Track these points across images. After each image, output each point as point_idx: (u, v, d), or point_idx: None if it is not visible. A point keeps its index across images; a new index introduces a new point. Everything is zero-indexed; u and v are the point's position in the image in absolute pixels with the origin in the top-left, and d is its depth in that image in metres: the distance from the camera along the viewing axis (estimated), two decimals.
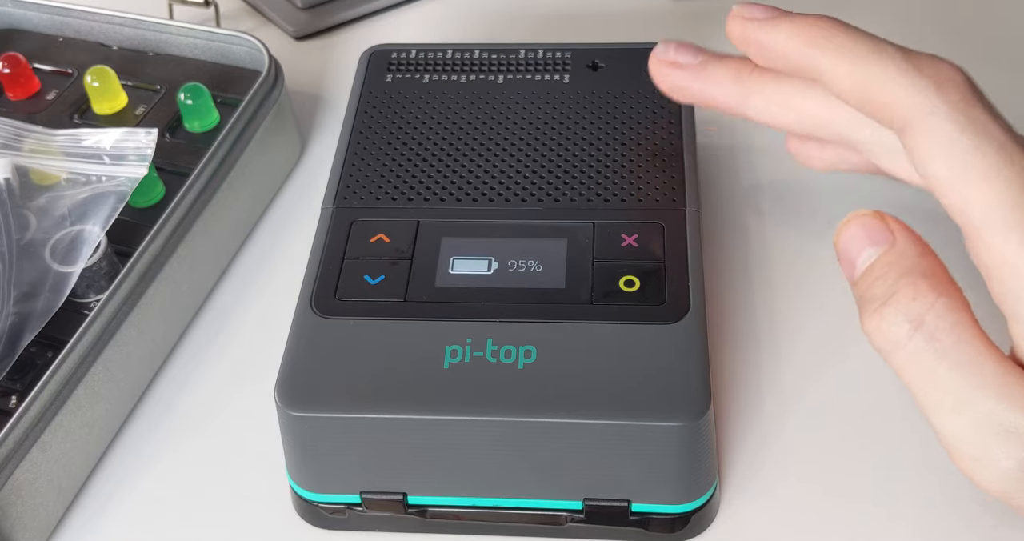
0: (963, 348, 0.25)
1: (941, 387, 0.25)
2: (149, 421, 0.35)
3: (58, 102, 0.43)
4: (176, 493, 0.34)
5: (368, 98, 0.38)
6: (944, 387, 0.25)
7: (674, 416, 0.28)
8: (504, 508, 0.31)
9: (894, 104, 0.26)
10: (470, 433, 0.29)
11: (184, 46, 0.44)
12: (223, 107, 0.42)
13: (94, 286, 0.35)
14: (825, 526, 0.31)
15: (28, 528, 0.31)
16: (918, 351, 0.25)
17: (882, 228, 0.27)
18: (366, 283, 0.32)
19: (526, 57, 0.39)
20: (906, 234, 0.27)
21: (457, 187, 0.35)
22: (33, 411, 0.31)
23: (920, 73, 0.26)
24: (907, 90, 0.26)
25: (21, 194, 0.37)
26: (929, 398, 0.26)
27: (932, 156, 0.25)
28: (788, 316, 0.37)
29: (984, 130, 0.25)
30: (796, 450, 0.33)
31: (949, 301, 0.25)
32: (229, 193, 0.39)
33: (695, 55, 0.32)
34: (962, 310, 0.25)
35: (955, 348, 0.25)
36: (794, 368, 0.35)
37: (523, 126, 0.37)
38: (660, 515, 0.30)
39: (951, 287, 0.26)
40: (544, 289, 0.32)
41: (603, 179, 0.35)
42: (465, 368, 0.30)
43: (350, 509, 0.31)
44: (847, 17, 0.29)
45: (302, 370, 0.30)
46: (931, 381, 0.25)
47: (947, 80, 0.26)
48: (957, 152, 0.25)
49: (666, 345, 0.30)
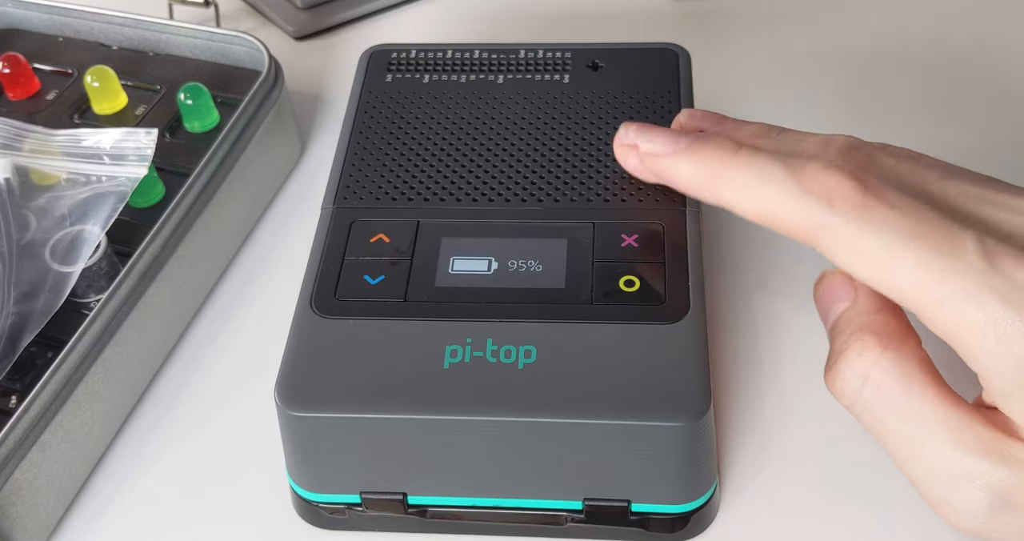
0: (911, 399, 0.26)
1: (895, 436, 0.27)
2: (149, 421, 0.35)
3: (58, 102, 0.43)
4: (176, 493, 0.34)
5: (368, 98, 0.38)
6: (897, 437, 0.26)
7: (674, 416, 0.28)
8: (504, 508, 0.31)
9: (794, 227, 0.27)
10: (470, 433, 0.29)
11: (184, 46, 0.44)
12: (223, 107, 0.42)
13: (94, 286, 0.35)
14: (825, 526, 0.31)
15: (28, 528, 0.31)
16: (868, 404, 0.27)
17: (846, 285, 0.28)
18: (366, 283, 0.32)
19: (526, 57, 0.39)
20: (867, 290, 0.28)
21: (457, 187, 0.35)
22: (33, 411, 0.31)
23: (808, 193, 0.27)
24: (800, 213, 0.27)
25: (21, 194, 0.37)
26: (888, 446, 0.27)
27: (845, 263, 0.27)
28: (788, 316, 0.37)
29: (883, 226, 0.26)
30: (796, 450, 0.33)
31: (895, 355, 0.26)
32: (229, 193, 0.39)
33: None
34: (909, 361, 0.26)
35: (902, 400, 0.26)
36: (794, 368, 0.35)
37: (523, 126, 0.37)
38: (660, 515, 0.30)
39: (900, 341, 0.27)
40: (544, 289, 0.32)
41: (603, 179, 0.35)
42: (465, 368, 0.30)
43: (350, 509, 0.31)
44: (848, 14, 0.29)
45: (302, 370, 0.30)
46: (886, 431, 0.27)
47: (835, 192, 0.26)
48: (865, 256, 0.26)
49: (666, 345, 0.30)
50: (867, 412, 0.27)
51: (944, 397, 0.26)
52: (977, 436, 0.25)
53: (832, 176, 0.27)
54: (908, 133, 0.40)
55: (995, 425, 0.25)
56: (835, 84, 0.46)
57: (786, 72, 0.47)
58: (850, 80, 0.46)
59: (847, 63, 0.47)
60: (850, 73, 0.46)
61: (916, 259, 0.25)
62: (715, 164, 0.29)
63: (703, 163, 0.29)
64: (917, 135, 0.42)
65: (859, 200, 0.26)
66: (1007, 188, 0.27)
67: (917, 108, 0.44)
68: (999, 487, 0.25)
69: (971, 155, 0.33)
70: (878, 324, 0.27)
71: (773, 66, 0.47)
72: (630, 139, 0.32)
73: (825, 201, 0.26)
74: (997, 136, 0.43)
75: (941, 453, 0.26)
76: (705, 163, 0.29)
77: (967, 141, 0.43)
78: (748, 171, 0.28)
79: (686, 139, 0.30)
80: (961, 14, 0.49)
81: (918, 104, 0.45)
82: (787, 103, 0.45)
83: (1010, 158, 0.42)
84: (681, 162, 0.30)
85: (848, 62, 0.47)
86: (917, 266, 0.25)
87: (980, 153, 0.39)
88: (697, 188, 0.30)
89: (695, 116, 0.34)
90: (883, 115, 0.44)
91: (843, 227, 0.26)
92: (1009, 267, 0.24)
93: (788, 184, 0.27)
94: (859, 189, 0.26)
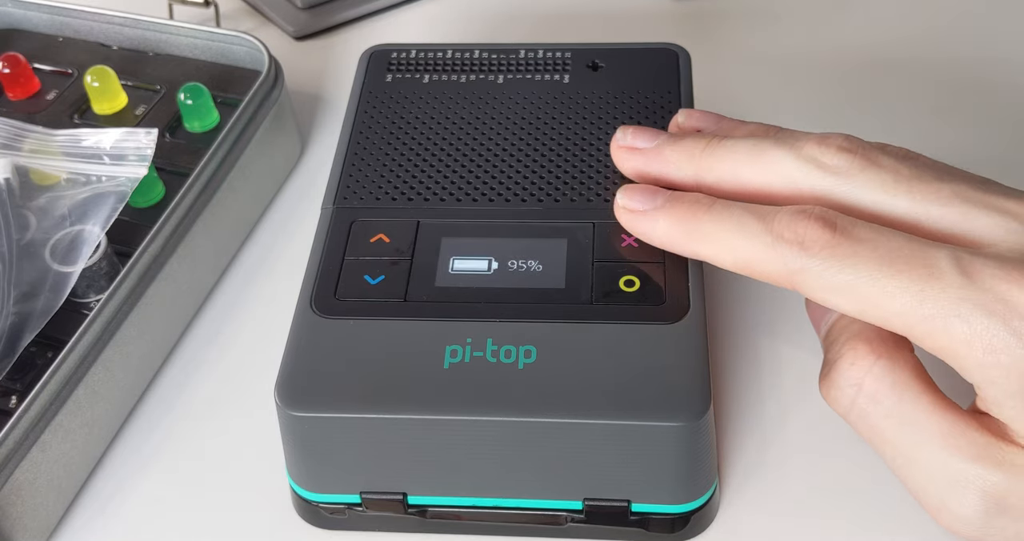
0: (905, 406, 0.26)
1: (891, 445, 0.27)
2: (149, 421, 0.35)
3: (58, 102, 0.43)
4: (176, 493, 0.34)
5: (368, 98, 0.38)
6: (893, 445, 0.27)
7: (674, 416, 0.28)
8: (504, 508, 0.31)
9: (773, 274, 0.28)
10: (470, 433, 0.29)
11: (184, 46, 0.44)
12: (223, 107, 0.42)
13: (94, 286, 0.35)
14: (825, 526, 0.31)
15: (28, 528, 0.31)
16: (863, 413, 0.27)
17: None
18: (366, 283, 0.32)
19: (526, 57, 0.39)
20: None
21: (457, 187, 0.35)
22: (33, 411, 0.31)
23: (781, 240, 0.27)
24: (777, 261, 0.27)
25: (21, 194, 0.37)
26: (884, 454, 0.27)
27: (828, 301, 0.27)
28: (788, 316, 0.37)
29: (855, 260, 0.26)
30: (796, 450, 0.33)
31: (888, 363, 0.27)
32: (229, 193, 0.39)
33: (651, 138, 0.33)
34: (902, 370, 0.27)
35: (897, 407, 0.27)
36: (794, 368, 0.35)
37: (523, 126, 0.37)
38: (660, 515, 0.30)
39: (893, 348, 0.27)
40: (544, 289, 0.32)
41: (603, 179, 0.35)
42: (465, 368, 0.30)
43: (350, 509, 0.31)
44: (848, 14, 0.29)
45: (302, 370, 0.30)
46: (882, 439, 0.27)
47: (805, 236, 0.27)
48: (845, 291, 0.26)
49: (666, 345, 0.30)
50: (862, 421, 0.27)
51: (938, 404, 0.26)
52: (971, 441, 0.26)
53: (801, 222, 0.27)
54: (907, 133, 0.40)
55: (989, 430, 0.26)
56: (835, 84, 0.46)
57: (786, 72, 0.47)
58: (850, 80, 0.46)
59: (847, 63, 0.47)
60: (850, 73, 0.46)
61: (894, 286, 0.25)
62: (689, 221, 0.29)
63: (677, 221, 0.30)
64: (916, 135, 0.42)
65: (828, 239, 0.26)
66: (1002, 190, 0.28)
67: (916, 108, 0.44)
68: (994, 491, 0.25)
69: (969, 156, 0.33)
70: (870, 332, 0.27)
71: (773, 66, 0.47)
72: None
73: (798, 246, 0.27)
74: (995, 137, 0.43)
75: (936, 459, 0.26)
76: (679, 220, 0.30)
77: (966, 141, 0.43)
78: (722, 225, 0.29)
79: (662, 197, 0.31)
80: (961, 14, 0.49)
81: (917, 104, 0.45)
82: (787, 103, 0.45)
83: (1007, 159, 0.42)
84: (658, 219, 0.30)
85: (848, 62, 0.47)
86: (896, 292, 0.25)
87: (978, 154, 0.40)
88: (673, 244, 0.30)
89: (692, 116, 0.34)
90: (882, 115, 0.44)
91: (819, 268, 0.26)
92: (989, 280, 0.25)
93: (761, 234, 0.28)
94: (828, 229, 0.27)
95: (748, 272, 0.29)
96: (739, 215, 0.28)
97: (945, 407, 0.26)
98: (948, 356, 0.25)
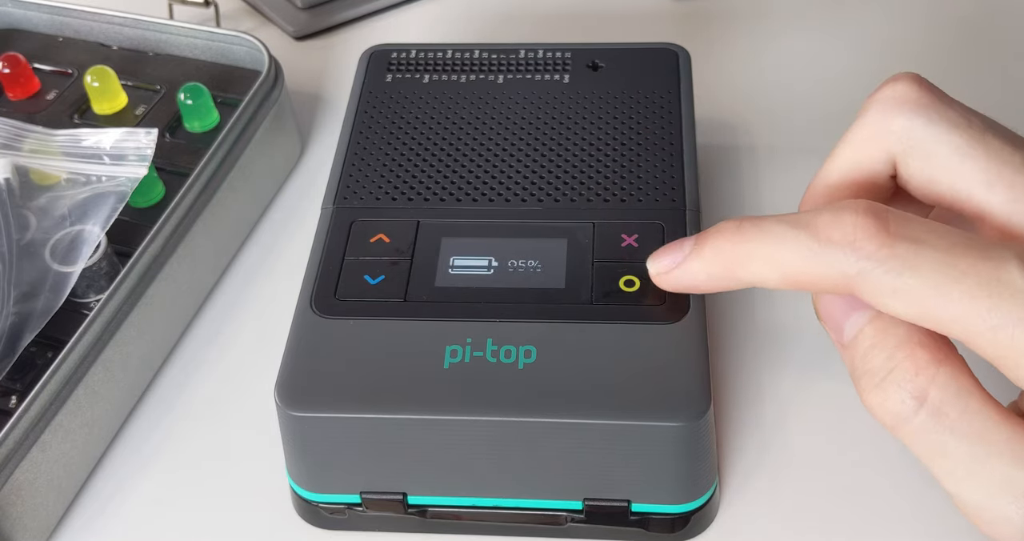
0: (970, 418, 0.25)
1: (951, 458, 0.25)
2: (149, 421, 0.35)
3: (58, 102, 0.43)
4: (176, 493, 0.34)
5: (368, 98, 0.38)
6: (954, 458, 0.25)
7: (674, 416, 0.28)
8: (504, 508, 0.31)
9: (827, 281, 0.26)
10: (470, 433, 0.29)
11: (184, 46, 0.44)
12: (223, 107, 0.42)
13: (94, 286, 0.35)
14: (825, 526, 0.31)
15: (28, 528, 0.31)
16: (924, 426, 0.25)
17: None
18: (366, 283, 0.32)
19: (526, 57, 0.39)
20: None
21: (457, 187, 0.35)
22: (33, 411, 0.31)
23: (831, 242, 0.25)
24: (831, 267, 0.25)
25: (21, 194, 0.37)
26: (940, 468, 0.25)
27: (887, 305, 0.25)
28: (788, 316, 0.37)
29: (914, 262, 0.24)
30: (796, 450, 0.33)
31: (950, 369, 0.25)
32: (229, 193, 0.39)
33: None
34: (963, 375, 0.25)
35: (962, 419, 0.25)
36: (794, 368, 0.35)
37: (523, 126, 0.37)
38: (660, 515, 0.30)
39: (949, 351, 0.25)
40: (544, 289, 0.32)
41: (603, 179, 0.35)
42: (465, 368, 0.30)
43: (350, 509, 0.31)
44: (847, 14, 0.29)
45: (302, 370, 0.30)
46: (941, 453, 0.25)
47: (857, 235, 0.25)
48: (906, 295, 0.24)
49: (666, 345, 0.30)
50: (921, 434, 0.25)
51: (998, 411, 0.25)
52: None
53: (848, 218, 0.25)
54: None
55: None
56: (834, 84, 0.46)
57: (786, 72, 0.47)
58: (849, 80, 0.46)
59: (846, 63, 0.47)
60: (850, 73, 0.46)
61: (960, 291, 0.24)
62: (723, 251, 0.27)
63: (712, 257, 0.28)
64: None
65: (883, 238, 0.25)
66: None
67: None
68: None
69: None
70: (922, 336, 0.25)
71: (773, 66, 0.47)
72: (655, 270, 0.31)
73: (849, 246, 0.25)
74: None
75: (1002, 472, 0.24)
76: (713, 256, 0.28)
77: None
78: (758, 243, 0.27)
79: (688, 243, 0.29)
80: (962, 14, 0.49)
81: None
82: (787, 103, 0.45)
83: None
84: (692, 265, 0.28)
85: (847, 62, 0.47)
86: (963, 298, 0.24)
87: None
88: (720, 282, 0.28)
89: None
90: None
91: (878, 270, 0.25)
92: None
93: (808, 242, 0.26)
94: (880, 227, 0.25)
95: (800, 286, 0.26)
96: (773, 227, 0.26)
97: (1005, 416, 0.25)
98: (1008, 365, 0.24)
